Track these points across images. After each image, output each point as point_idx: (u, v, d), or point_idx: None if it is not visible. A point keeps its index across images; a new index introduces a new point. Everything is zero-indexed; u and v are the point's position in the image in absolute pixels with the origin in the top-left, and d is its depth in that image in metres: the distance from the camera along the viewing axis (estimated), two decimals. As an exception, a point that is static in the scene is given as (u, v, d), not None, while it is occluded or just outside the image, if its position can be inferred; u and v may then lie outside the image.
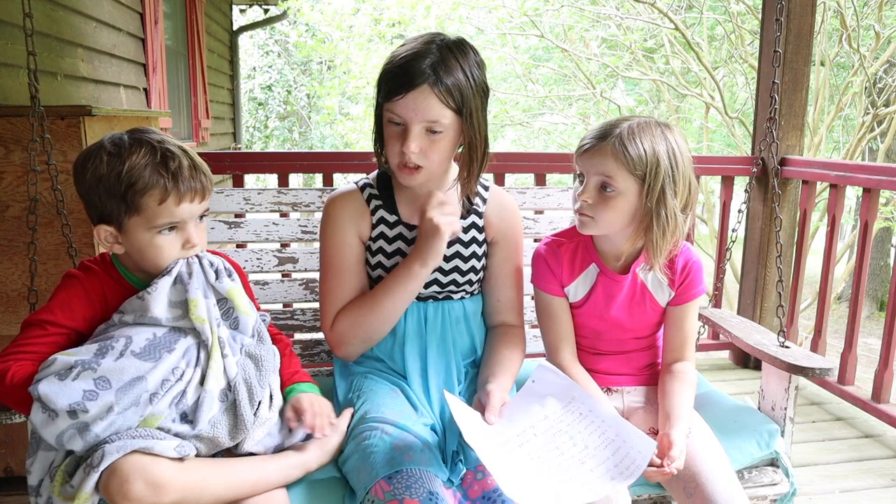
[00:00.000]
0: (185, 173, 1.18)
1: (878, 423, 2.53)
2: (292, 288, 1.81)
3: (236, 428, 1.18)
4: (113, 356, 1.09)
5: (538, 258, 1.49)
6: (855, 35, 6.06)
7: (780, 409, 1.51)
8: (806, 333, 5.78)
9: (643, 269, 1.44)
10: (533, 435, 1.22)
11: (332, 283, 1.43)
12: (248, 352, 1.24)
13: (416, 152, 1.30)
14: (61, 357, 1.09)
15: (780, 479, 1.44)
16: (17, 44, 2.77)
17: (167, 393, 1.12)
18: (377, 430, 1.24)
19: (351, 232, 1.43)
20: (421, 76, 1.26)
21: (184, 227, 1.21)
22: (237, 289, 1.26)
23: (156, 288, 1.18)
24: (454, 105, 1.30)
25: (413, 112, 1.28)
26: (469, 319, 1.50)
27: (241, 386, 1.19)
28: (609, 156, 1.32)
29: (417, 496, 1.09)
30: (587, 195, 1.35)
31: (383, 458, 1.17)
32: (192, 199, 1.20)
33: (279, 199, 1.77)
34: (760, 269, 2.94)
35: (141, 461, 1.04)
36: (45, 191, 1.84)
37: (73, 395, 1.05)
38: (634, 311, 1.47)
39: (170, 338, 1.16)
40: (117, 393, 1.07)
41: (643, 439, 1.22)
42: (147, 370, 1.10)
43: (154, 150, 1.17)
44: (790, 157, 2.83)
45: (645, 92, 9.23)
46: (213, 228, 1.73)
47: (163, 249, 1.20)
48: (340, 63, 11.41)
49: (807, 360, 1.46)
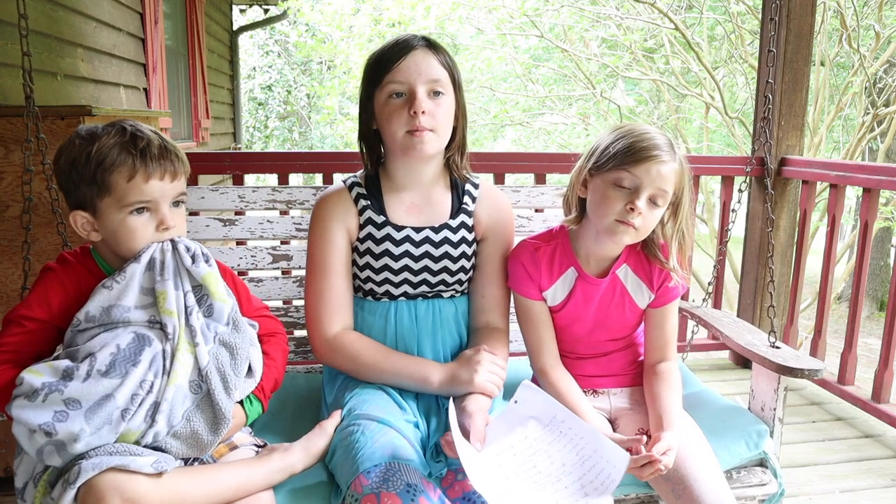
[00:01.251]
0: (154, 151, 1.17)
1: (878, 423, 2.53)
2: (286, 285, 1.82)
3: (215, 420, 1.16)
4: (79, 379, 1.07)
5: (515, 262, 1.47)
6: (855, 35, 6.06)
7: (769, 409, 1.51)
8: (806, 333, 5.77)
9: (624, 269, 1.45)
10: (512, 455, 1.22)
11: (320, 286, 1.42)
12: (222, 340, 1.21)
13: (426, 112, 1.33)
14: (28, 377, 1.07)
15: (769, 479, 1.44)
16: (17, 44, 2.75)
17: (140, 407, 1.09)
18: (360, 426, 1.25)
19: (339, 234, 1.43)
20: (415, 42, 1.36)
21: (157, 209, 1.20)
22: (213, 274, 1.23)
23: (124, 277, 1.17)
24: (448, 67, 1.38)
25: (416, 72, 1.33)
26: (459, 319, 1.50)
27: (214, 375, 1.17)
28: (674, 173, 1.33)
29: (394, 489, 1.09)
30: (642, 206, 1.31)
31: (364, 454, 1.18)
32: (162, 177, 1.18)
33: (274, 197, 1.78)
34: (760, 269, 2.94)
35: (116, 479, 1.03)
36: (44, 191, 1.85)
37: (43, 416, 1.04)
38: (612, 314, 1.47)
39: (133, 348, 1.12)
40: (87, 413, 1.05)
41: (617, 452, 1.21)
42: (114, 387, 1.08)
43: (124, 131, 1.18)
44: (790, 157, 2.82)
45: (645, 92, 9.22)
46: (208, 226, 1.74)
47: (136, 231, 1.19)
48: (340, 63, 11.40)
49: (795, 361, 1.46)
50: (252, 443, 1.30)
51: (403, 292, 1.46)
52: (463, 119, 1.44)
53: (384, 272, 1.44)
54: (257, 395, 1.30)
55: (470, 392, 1.34)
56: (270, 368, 1.34)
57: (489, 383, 1.34)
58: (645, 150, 1.31)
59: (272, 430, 1.45)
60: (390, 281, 1.45)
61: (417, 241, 1.44)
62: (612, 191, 1.33)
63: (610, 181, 1.33)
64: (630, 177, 1.31)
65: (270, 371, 1.33)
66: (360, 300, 1.48)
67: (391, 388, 1.39)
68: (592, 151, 1.40)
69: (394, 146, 1.39)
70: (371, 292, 1.47)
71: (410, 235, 1.44)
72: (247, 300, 1.38)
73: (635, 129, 1.36)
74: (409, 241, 1.44)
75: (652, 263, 1.45)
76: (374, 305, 1.47)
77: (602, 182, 1.35)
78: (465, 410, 1.29)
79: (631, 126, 1.38)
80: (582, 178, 1.41)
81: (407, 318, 1.45)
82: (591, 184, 1.38)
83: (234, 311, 1.25)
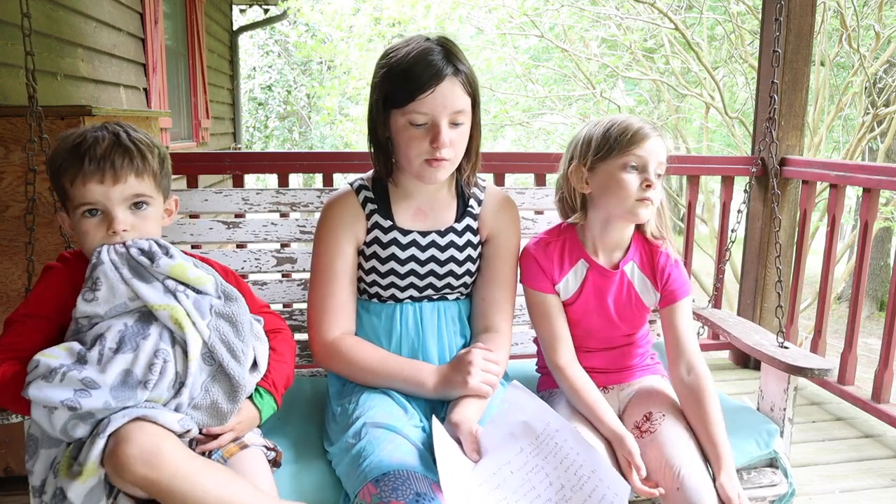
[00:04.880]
0: (97, 153, 1.16)
1: (878, 423, 2.53)
2: (291, 288, 1.80)
3: (232, 388, 1.18)
4: (93, 362, 1.09)
5: (527, 257, 1.49)
6: (855, 35, 6.06)
7: (779, 409, 1.51)
8: (806, 333, 5.77)
9: (631, 265, 1.47)
10: (509, 473, 1.19)
11: (323, 291, 1.41)
12: (219, 311, 1.21)
13: (447, 146, 1.31)
14: (43, 359, 1.08)
15: (780, 479, 1.44)
16: (17, 44, 2.76)
17: (162, 377, 1.12)
18: (366, 433, 1.23)
19: (346, 240, 1.42)
20: (443, 69, 1.28)
21: (106, 211, 1.19)
22: (179, 265, 1.19)
23: (100, 283, 1.15)
24: (471, 91, 1.33)
25: (442, 106, 1.28)
26: (465, 320, 1.50)
27: (220, 346, 1.18)
28: (664, 146, 1.42)
29: (404, 497, 1.08)
30: (654, 180, 1.39)
31: (371, 462, 1.16)
32: (103, 181, 1.17)
33: (278, 200, 1.76)
34: (760, 269, 2.94)
35: (145, 427, 1.06)
36: (44, 191, 1.85)
37: (64, 394, 1.06)
38: (623, 310, 1.49)
39: (140, 324, 1.14)
40: (111, 391, 1.08)
41: (618, 481, 1.18)
42: (130, 362, 1.10)
43: (82, 134, 1.19)
44: (790, 157, 2.82)
45: (645, 92, 9.23)
46: (212, 228, 1.73)
47: (87, 234, 1.20)
48: (340, 63, 11.41)
49: (805, 361, 1.46)
50: (262, 444, 1.29)
51: (409, 295, 1.45)
52: (478, 133, 1.41)
53: (390, 276, 1.43)
54: (269, 389, 1.29)
55: (465, 395, 1.33)
56: (280, 363, 1.33)
57: (483, 384, 1.33)
58: (640, 129, 1.40)
59: (280, 433, 1.44)
60: (396, 285, 1.44)
61: (423, 245, 1.44)
62: (623, 174, 1.39)
63: (618, 166, 1.39)
64: (636, 157, 1.39)
65: (280, 366, 1.33)
66: (365, 302, 1.47)
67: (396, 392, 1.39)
68: (585, 146, 1.44)
69: (408, 168, 1.37)
70: (377, 295, 1.46)
71: (417, 240, 1.43)
72: (250, 299, 1.37)
73: (617, 117, 1.44)
74: (416, 246, 1.43)
75: (655, 259, 1.47)
76: (379, 307, 1.46)
77: (609, 169, 1.40)
78: (450, 421, 1.28)
79: (611, 116, 1.46)
80: (581, 174, 1.44)
81: (412, 319, 1.45)
82: (595, 176, 1.43)
83: (221, 284, 1.25)
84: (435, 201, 1.46)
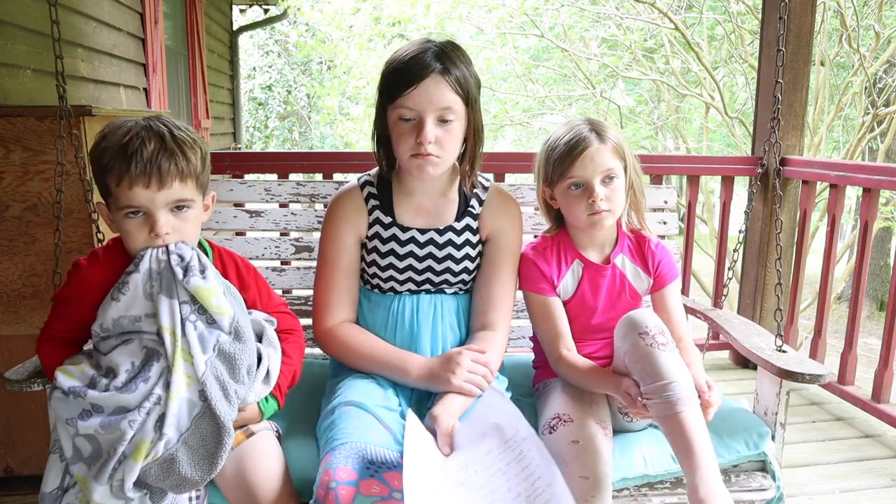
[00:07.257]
0: (144, 157, 1.16)
1: (878, 423, 2.53)
2: (308, 275, 1.89)
3: (217, 429, 1.17)
4: (100, 389, 1.17)
5: (527, 263, 1.53)
6: (855, 35, 6.06)
7: (771, 413, 1.51)
8: (806, 333, 5.78)
9: (621, 258, 1.54)
10: (475, 473, 1.21)
11: (327, 281, 1.48)
12: (222, 349, 1.21)
13: (433, 142, 1.34)
14: (60, 378, 1.19)
15: (769, 484, 1.44)
16: (17, 44, 2.77)
17: (149, 417, 1.14)
18: (340, 411, 1.31)
19: (349, 234, 1.48)
20: (430, 66, 1.32)
21: (149, 214, 1.20)
22: (207, 288, 1.20)
23: (128, 288, 1.20)
24: (462, 92, 1.36)
25: (427, 102, 1.32)
26: (461, 314, 1.52)
27: (213, 384, 1.18)
28: (609, 150, 1.44)
29: (353, 465, 1.15)
30: (600, 194, 1.42)
31: (335, 434, 1.24)
32: (148, 186, 1.17)
33: (298, 191, 1.90)
34: (760, 269, 2.94)
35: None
36: (45, 191, 1.86)
37: (71, 412, 1.17)
38: (616, 302, 1.53)
39: (144, 364, 1.19)
40: (103, 420, 1.15)
41: (568, 500, 1.18)
42: (126, 402, 1.15)
43: (129, 131, 1.19)
44: (790, 157, 2.83)
45: (645, 92, 9.24)
46: (236, 217, 1.86)
47: (129, 234, 1.21)
48: (340, 63, 11.41)
49: (798, 366, 1.43)
50: (266, 427, 1.32)
51: (407, 287, 1.51)
52: (476, 136, 1.43)
53: (389, 269, 1.49)
54: (274, 393, 1.33)
55: (448, 391, 1.36)
56: (288, 366, 1.36)
57: (467, 383, 1.36)
58: (573, 147, 1.43)
59: (282, 415, 1.45)
60: (395, 277, 1.49)
61: (422, 242, 1.48)
62: (570, 196, 1.46)
63: (564, 189, 1.47)
64: (576, 177, 1.44)
65: (288, 368, 1.35)
66: (367, 291, 1.54)
67: (384, 379, 1.44)
68: (538, 171, 1.54)
69: (401, 163, 1.42)
70: (377, 286, 1.51)
71: (415, 237, 1.48)
72: (267, 296, 1.40)
73: (559, 132, 1.48)
74: (414, 242, 1.48)
75: (644, 247, 1.54)
76: (379, 297, 1.51)
77: (560, 192, 1.49)
78: (431, 414, 1.32)
79: (555, 131, 1.50)
80: (547, 193, 1.53)
81: (409, 310, 1.49)
82: (556, 196, 1.51)
83: (236, 320, 1.24)
84: (437, 199, 1.50)
